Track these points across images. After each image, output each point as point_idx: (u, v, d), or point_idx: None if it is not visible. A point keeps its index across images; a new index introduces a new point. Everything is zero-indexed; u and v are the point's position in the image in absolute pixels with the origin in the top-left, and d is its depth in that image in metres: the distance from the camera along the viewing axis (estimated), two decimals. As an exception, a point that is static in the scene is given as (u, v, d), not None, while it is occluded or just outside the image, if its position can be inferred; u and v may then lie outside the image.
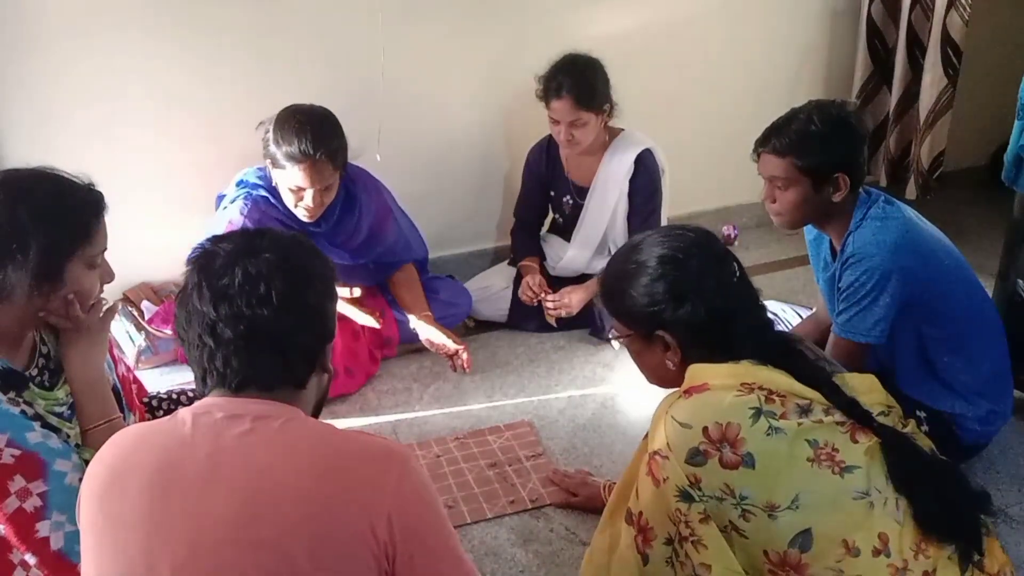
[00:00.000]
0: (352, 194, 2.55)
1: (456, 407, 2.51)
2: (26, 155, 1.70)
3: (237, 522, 1.02)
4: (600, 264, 2.95)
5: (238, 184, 2.49)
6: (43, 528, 1.31)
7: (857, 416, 1.37)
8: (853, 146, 1.92)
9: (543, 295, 2.82)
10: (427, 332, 2.62)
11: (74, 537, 1.31)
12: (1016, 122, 2.29)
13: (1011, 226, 2.46)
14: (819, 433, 1.32)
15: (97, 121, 2.57)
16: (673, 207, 3.05)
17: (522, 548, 1.95)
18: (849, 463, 1.31)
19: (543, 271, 2.97)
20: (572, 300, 2.80)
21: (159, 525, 1.03)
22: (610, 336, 1.63)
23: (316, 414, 1.23)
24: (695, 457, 1.30)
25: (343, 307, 2.45)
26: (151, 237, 2.66)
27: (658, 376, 1.53)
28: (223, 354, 1.10)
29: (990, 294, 2.63)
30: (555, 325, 2.84)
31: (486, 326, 2.95)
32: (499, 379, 2.64)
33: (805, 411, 1.33)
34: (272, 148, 2.29)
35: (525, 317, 2.90)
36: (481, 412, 2.48)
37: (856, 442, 1.34)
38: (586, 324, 2.90)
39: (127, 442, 1.12)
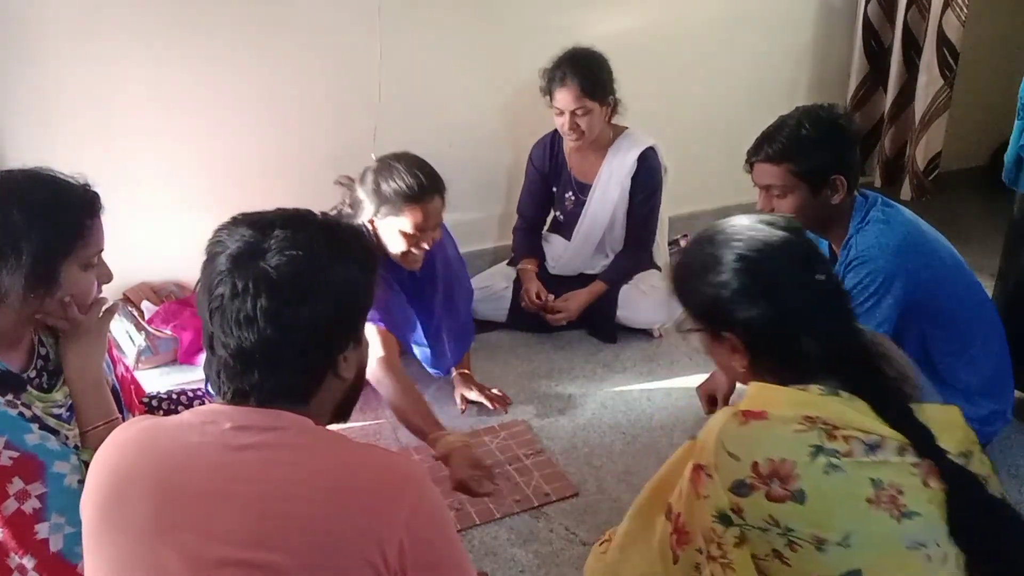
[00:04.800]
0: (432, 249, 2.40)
1: (456, 407, 2.51)
2: (26, 155, 1.70)
3: (243, 541, 0.99)
4: (599, 264, 2.97)
5: None
6: (42, 530, 1.30)
7: (927, 454, 1.23)
8: (846, 147, 1.93)
9: (545, 303, 2.83)
10: (463, 389, 2.52)
11: (74, 538, 1.31)
12: (1016, 122, 2.29)
13: (1011, 226, 2.46)
14: (886, 473, 1.20)
15: (97, 121, 2.57)
16: (673, 207, 3.05)
17: (522, 548, 1.95)
18: (911, 508, 1.19)
19: (543, 271, 2.97)
20: (572, 307, 2.82)
21: (163, 535, 1.01)
22: (680, 328, 1.51)
23: (340, 419, 1.19)
24: (740, 488, 1.21)
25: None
26: (151, 237, 2.66)
27: (731, 375, 1.42)
28: (216, 368, 1.08)
29: (990, 294, 2.63)
30: (548, 317, 2.85)
31: (486, 326, 2.95)
32: (499, 379, 2.64)
33: (873, 448, 1.21)
34: (384, 190, 2.16)
35: (525, 317, 2.90)
36: (481, 413, 2.48)
37: (927, 487, 1.21)
38: (586, 324, 2.90)
39: (129, 445, 1.09)
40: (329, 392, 1.13)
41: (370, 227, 2.22)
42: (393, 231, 2.20)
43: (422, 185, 2.16)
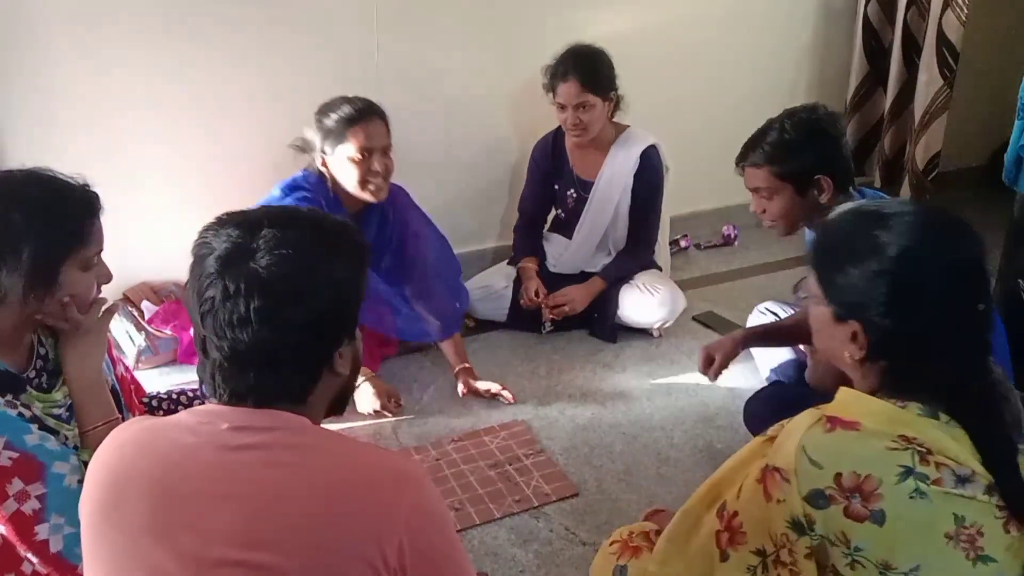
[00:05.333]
0: (386, 206, 2.52)
1: (456, 407, 2.51)
2: (26, 155, 1.70)
3: (241, 542, 0.98)
4: (600, 262, 2.97)
5: (284, 190, 2.40)
6: (42, 531, 1.30)
7: (1017, 510, 1.17)
8: (827, 148, 1.96)
9: (544, 300, 2.83)
10: (469, 379, 2.55)
11: (74, 539, 1.31)
12: (1016, 122, 2.29)
13: (1011, 226, 2.46)
14: (970, 510, 1.14)
15: (97, 121, 2.57)
16: (674, 207, 3.05)
17: (522, 548, 1.95)
18: (988, 552, 1.14)
19: (543, 269, 2.98)
20: (576, 300, 2.82)
21: (160, 535, 1.00)
22: (799, 294, 1.38)
23: (335, 412, 1.19)
24: (817, 499, 1.14)
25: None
26: (151, 237, 2.66)
27: (830, 355, 1.33)
28: (210, 371, 1.06)
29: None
30: (549, 327, 2.85)
31: (486, 326, 2.95)
32: (499, 379, 2.63)
33: (963, 481, 1.14)
34: (327, 123, 2.33)
35: (525, 317, 2.90)
36: (481, 412, 2.48)
37: (1007, 532, 1.16)
38: (586, 324, 2.90)
39: (127, 446, 1.08)
40: (325, 388, 1.12)
41: (326, 172, 2.37)
42: (344, 163, 2.33)
43: (359, 108, 2.32)
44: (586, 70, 2.68)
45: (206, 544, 0.99)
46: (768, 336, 2.22)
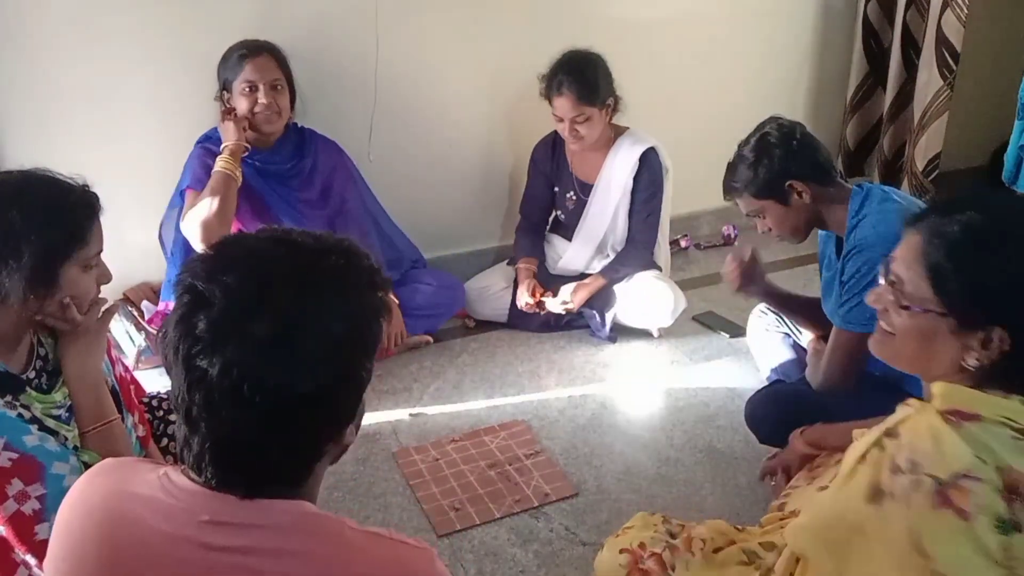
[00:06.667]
0: (305, 144, 2.65)
1: (456, 407, 2.51)
2: (26, 156, 1.70)
3: None
4: (599, 264, 2.97)
5: (196, 142, 2.55)
6: (42, 531, 1.30)
7: None
8: (781, 156, 1.98)
9: (541, 298, 2.84)
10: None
11: (73, 539, 1.31)
12: (1016, 122, 2.30)
13: (1011, 226, 2.45)
14: None
15: (97, 121, 2.57)
16: (674, 207, 3.04)
17: (522, 548, 1.95)
18: None
19: (543, 270, 2.97)
20: (575, 300, 2.82)
21: None
22: (889, 278, 1.23)
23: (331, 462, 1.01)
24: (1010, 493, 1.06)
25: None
26: (151, 237, 2.66)
27: (920, 361, 1.22)
28: (197, 450, 0.89)
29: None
30: (547, 307, 2.86)
31: (486, 326, 2.95)
32: (499, 379, 2.64)
33: None
34: (221, 70, 2.48)
35: (525, 317, 2.90)
36: (481, 412, 2.48)
37: None
38: (586, 324, 2.90)
39: (94, 516, 0.93)
40: (327, 459, 0.96)
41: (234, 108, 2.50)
42: (236, 97, 2.47)
43: (248, 46, 2.46)
44: (581, 83, 2.66)
45: None
46: (782, 302, 2.33)
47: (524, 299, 2.84)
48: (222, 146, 2.42)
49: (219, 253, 0.92)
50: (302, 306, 0.87)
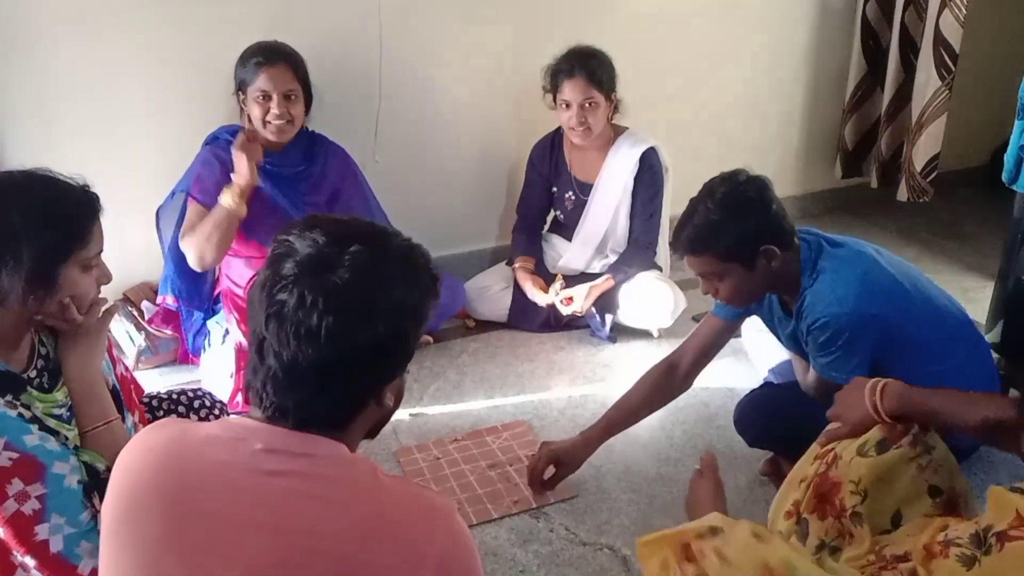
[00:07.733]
0: (316, 149, 2.63)
1: (456, 407, 2.51)
2: (26, 156, 1.70)
3: (268, 574, 0.96)
4: (599, 264, 2.97)
5: (204, 142, 2.54)
6: (42, 531, 1.30)
7: None
8: (760, 215, 1.82)
9: (558, 290, 2.84)
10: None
11: (74, 539, 1.31)
12: (1016, 122, 2.29)
13: (1011, 226, 2.46)
14: None
15: (97, 121, 2.57)
16: (674, 207, 3.04)
17: (522, 548, 1.95)
18: None
19: (543, 270, 2.97)
20: (584, 305, 2.82)
21: (183, 555, 0.98)
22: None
23: (369, 437, 1.16)
24: None
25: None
26: (151, 237, 2.65)
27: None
28: (262, 378, 1.02)
29: (989, 294, 2.63)
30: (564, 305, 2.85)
31: (486, 326, 2.95)
32: (499, 379, 2.64)
33: None
34: (238, 71, 2.45)
35: (525, 317, 2.90)
36: (481, 412, 2.49)
37: None
38: (586, 324, 2.90)
39: (153, 454, 1.04)
40: (367, 418, 1.09)
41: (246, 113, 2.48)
42: (250, 104, 2.44)
43: (266, 52, 2.42)
44: (592, 68, 2.71)
45: (231, 571, 0.96)
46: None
47: (547, 298, 2.83)
48: (233, 183, 2.37)
49: (312, 218, 1.07)
50: (375, 268, 1.02)
